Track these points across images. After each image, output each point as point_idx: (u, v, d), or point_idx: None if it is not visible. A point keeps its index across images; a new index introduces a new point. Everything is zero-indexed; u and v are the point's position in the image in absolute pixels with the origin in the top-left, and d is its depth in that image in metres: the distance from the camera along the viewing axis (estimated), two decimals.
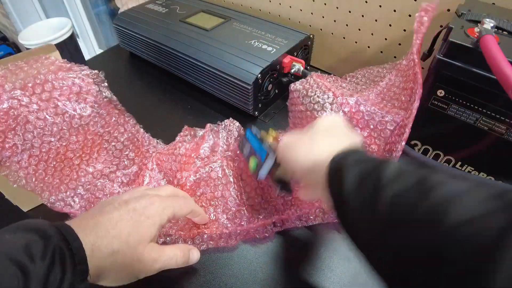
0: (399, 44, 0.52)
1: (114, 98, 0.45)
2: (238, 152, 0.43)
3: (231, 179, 0.42)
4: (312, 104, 0.41)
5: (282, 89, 0.57)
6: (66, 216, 0.40)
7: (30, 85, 0.37)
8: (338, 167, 0.25)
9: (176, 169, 0.43)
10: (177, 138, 0.48)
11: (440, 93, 0.34)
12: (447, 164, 0.38)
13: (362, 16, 0.54)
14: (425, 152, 0.39)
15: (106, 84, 0.43)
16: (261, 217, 0.40)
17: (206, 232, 0.38)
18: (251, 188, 0.42)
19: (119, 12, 0.81)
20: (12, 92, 0.36)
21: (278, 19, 0.66)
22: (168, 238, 0.38)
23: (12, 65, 0.39)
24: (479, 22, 0.32)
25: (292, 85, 0.44)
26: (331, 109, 0.40)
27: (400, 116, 0.37)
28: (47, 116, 0.38)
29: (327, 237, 0.39)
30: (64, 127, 0.39)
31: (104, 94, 0.43)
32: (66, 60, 0.42)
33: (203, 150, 0.44)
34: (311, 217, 0.40)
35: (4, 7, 1.72)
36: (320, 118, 0.35)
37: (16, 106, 0.36)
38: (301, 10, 0.62)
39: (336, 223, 0.40)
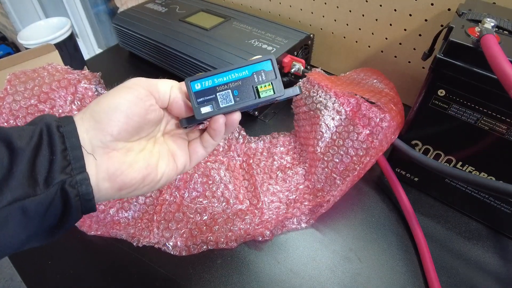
0: (400, 44, 0.52)
1: None
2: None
3: (231, 180, 0.42)
4: (315, 104, 0.41)
5: None
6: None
7: (36, 93, 0.38)
8: None
9: None
10: None
11: (441, 92, 0.34)
12: (447, 164, 0.38)
13: (363, 15, 0.53)
14: (426, 152, 0.39)
15: (103, 85, 0.43)
16: (261, 219, 0.39)
17: (206, 234, 0.38)
18: (254, 188, 0.42)
19: (118, 11, 0.80)
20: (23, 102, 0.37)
21: (278, 18, 0.66)
22: (169, 242, 0.38)
23: (20, 72, 0.39)
24: (480, 21, 0.32)
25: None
26: (333, 109, 0.40)
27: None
28: None
29: (327, 237, 0.39)
30: None
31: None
32: (68, 66, 0.42)
33: None
34: (312, 218, 0.40)
35: (3, 7, 1.72)
36: None
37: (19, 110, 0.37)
38: (301, 9, 0.61)
39: (336, 223, 0.40)
